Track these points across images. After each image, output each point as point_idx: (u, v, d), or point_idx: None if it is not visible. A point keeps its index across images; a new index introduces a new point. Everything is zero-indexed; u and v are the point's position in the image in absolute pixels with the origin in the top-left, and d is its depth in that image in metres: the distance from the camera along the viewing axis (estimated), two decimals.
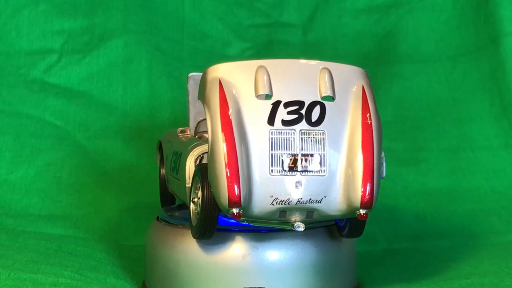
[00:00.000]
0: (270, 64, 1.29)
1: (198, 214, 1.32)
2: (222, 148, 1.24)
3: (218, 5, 2.19)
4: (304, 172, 1.26)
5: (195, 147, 1.42)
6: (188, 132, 1.54)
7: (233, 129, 1.25)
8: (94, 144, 1.98)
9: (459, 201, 1.93)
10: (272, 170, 1.25)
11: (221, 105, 1.26)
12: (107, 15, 2.11)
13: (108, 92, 2.05)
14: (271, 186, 1.25)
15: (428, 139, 2.05)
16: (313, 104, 1.28)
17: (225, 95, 1.26)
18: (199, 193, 1.31)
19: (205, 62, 2.14)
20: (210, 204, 1.28)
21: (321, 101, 1.28)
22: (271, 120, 1.26)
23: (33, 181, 1.93)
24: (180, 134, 1.53)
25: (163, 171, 1.62)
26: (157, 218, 1.53)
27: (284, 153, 1.26)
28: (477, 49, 2.10)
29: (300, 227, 1.28)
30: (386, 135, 1.98)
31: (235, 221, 1.30)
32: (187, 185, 1.38)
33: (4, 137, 1.97)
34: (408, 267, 1.65)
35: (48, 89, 2.04)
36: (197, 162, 1.39)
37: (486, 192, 1.96)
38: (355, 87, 1.32)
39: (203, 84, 1.30)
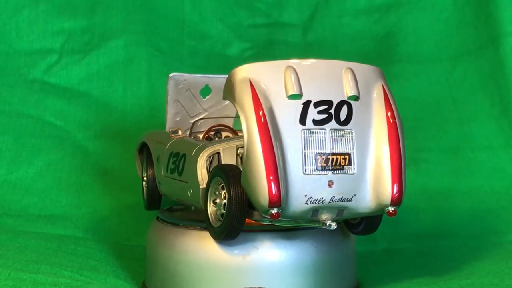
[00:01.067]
0: (298, 64, 1.32)
1: (223, 215, 1.32)
2: (260, 148, 1.25)
3: (218, 5, 2.19)
4: (335, 171, 1.28)
5: (204, 148, 1.41)
6: (180, 133, 1.53)
7: (269, 129, 1.26)
8: (94, 144, 1.98)
9: (459, 201, 1.93)
10: (305, 170, 1.27)
11: (255, 105, 1.27)
12: (107, 15, 2.11)
13: (108, 92, 2.05)
14: (305, 185, 1.27)
15: (428, 139, 2.05)
16: (340, 104, 1.30)
17: (257, 95, 1.27)
18: (224, 194, 1.31)
19: (205, 62, 2.14)
20: (240, 204, 1.29)
21: (348, 100, 1.30)
22: (302, 120, 1.28)
23: (33, 181, 1.93)
24: (172, 135, 1.52)
25: (151, 172, 1.57)
26: (157, 218, 1.53)
27: (316, 152, 1.28)
28: (477, 49, 2.10)
29: (332, 225, 1.29)
30: None
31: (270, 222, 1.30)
32: (201, 187, 1.37)
33: (4, 137, 1.97)
34: (408, 267, 1.65)
35: (48, 89, 2.04)
36: (209, 163, 1.39)
37: (486, 192, 1.96)
38: (376, 86, 1.35)
39: (231, 85, 1.31)
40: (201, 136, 1.57)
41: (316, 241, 1.41)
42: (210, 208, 1.35)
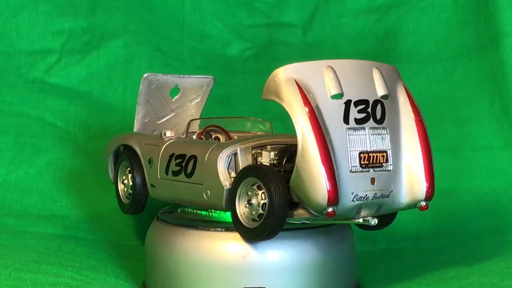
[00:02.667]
0: (335, 64, 1.34)
1: (260, 215, 1.33)
2: (316, 147, 1.27)
3: (218, 5, 2.19)
4: (376, 168, 1.33)
5: (221, 149, 1.39)
6: (172, 134, 1.52)
7: (322, 128, 1.28)
8: (94, 144, 1.98)
9: (459, 201, 1.93)
10: (351, 168, 1.30)
11: (306, 105, 1.29)
12: (107, 15, 2.11)
13: (108, 92, 2.05)
14: (352, 183, 1.30)
15: None
16: (375, 103, 1.35)
17: (305, 95, 1.30)
18: (262, 194, 1.32)
19: (205, 62, 2.14)
20: (283, 204, 1.30)
21: (381, 99, 1.35)
22: (346, 119, 1.32)
23: (33, 181, 1.93)
24: (165, 137, 1.51)
25: (138, 176, 1.53)
26: (157, 218, 1.52)
27: (359, 151, 1.31)
28: (477, 49, 2.10)
29: (374, 221, 1.32)
30: None
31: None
32: (225, 188, 1.37)
33: (4, 137, 1.97)
34: (408, 267, 1.65)
35: (48, 89, 2.04)
36: (229, 164, 1.38)
37: (486, 192, 1.96)
38: (399, 85, 1.40)
39: (276, 85, 1.33)
40: (194, 136, 1.55)
41: (316, 241, 1.41)
42: (241, 209, 1.36)
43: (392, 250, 1.82)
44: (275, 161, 1.38)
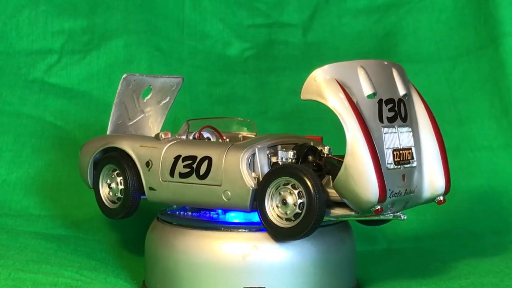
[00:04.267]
0: (365, 64, 1.37)
1: (296, 215, 1.34)
2: (366, 145, 1.30)
3: (218, 5, 2.19)
4: (405, 165, 1.37)
5: (241, 149, 1.39)
6: (168, 135, 1.50)
7: (368, 127, 1.31)
8: None
9: (459, 201, 1.93)
10: (388, 165, 1.33)
11: (351, 104, 1.32)
12: (107, 15, 2.11)
13: (108, 92, 2.05)
14: (389, 180, 1.32)
15: None
16: (399, 102, 1.39)
17: (348, 95, 1.33)
18: (299, 193, 1.33)
19: (205, 62, 2.14)
20: (323, 202, 1.32)
21: (402, 98, 1.39)
22: (380, 118, 1.35)
23: (33, 181, 1.93)
24: (163, 138, 1.49)
25: (132, 179, 1.49)
26: (157, 218, 1.52)
27: (392, 148, 1.35)
28: (477, 49, 2.10)
29: (404, 216, 1.35)
30: None
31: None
32: (251, 188, 1.37)
33: (4, 137, 1.97)
34: (408, 267, 1.65)
35: (48, 89, 2.04)
36: (249, 165, 1.39)
37: (486, 192, 1.96)
38: (410, 83, 1.44)
39: (317, 85, 1.34)
40: (190, 137, 1.53)
41: (316, 241, 1.41)
42: (273, 209, 1.36)
43: (392, 250, 1.82)
44: (293, 160, 1.40)
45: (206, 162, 1.41)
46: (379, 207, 1.31)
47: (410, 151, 1.38)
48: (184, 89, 2.08)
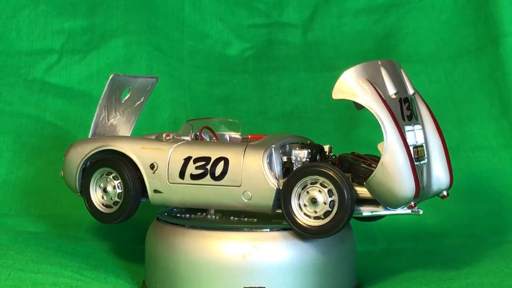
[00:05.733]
0: (383, 64, 1.41)
1: (326, 213, 1.36)
2: (402, 143, 1.34)
3: (218, 5, 2.19)
4: (421, 161, 1.42)
5: (259, 149, 1.40)
6: (169, 136, 1.49)
7: (400, 125, 1.35)
8: None
9: (459, 201, 1.93)
10: (412, 162, 1.36)
11: (384, 103, 1.36)
12: (107, 15, 2.11)
13: None
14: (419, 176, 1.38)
15: None
16: (411, 100, 1.44)
17: (380, 94, 1.36)
18: (329, 191, 1.36)
19: (205, 62, 2.14)
20: (353, 200, 1.36)
21: (412, 96, 1.44)
22: (402, 116, 1.40)
23: (33, 181, 1.93)
24: (167, 140, 1.48)
25: (132, 182, 1.46)
26: (157, 218, 1.52)
27: (413, 145, 1.40)
28: (477, 49, 2.10)
29: (420, 211, 1.39)
30: None
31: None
32: (275, 187, 1.38)
33: (4, 137, 1.97)
34: (408, 267, 1.65)
35: (48, 89, 2.04)
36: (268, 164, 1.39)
37: (486, 192, 1.96)
38: (409, 81, 1.47)
39: (351, 84, 1.37)
40: (189, 138, 1.52)
41: (316, 241, 1.41)
42: (300, 208, 1.38)
43: (392, 250, 1.82)
44: (307, 159, 1.42)
45: (222, 163, 1.41)
46: (413, 202, 1.36)
47: (423, 148, 1.43)
48: (184, 89, 2.09)
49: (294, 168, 1.41)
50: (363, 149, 1.58)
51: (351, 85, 1.36)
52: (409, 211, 1.38)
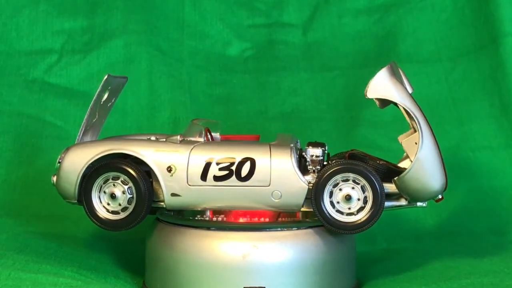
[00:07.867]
0: (394, 64, 1.48)
1: (360, 209, 1.41)
2: (433, 139, 1.43)
3: (218, 5, 2.18)
4: None
5: (284, 149, 1.41)
6: (180, 137, 1.47)
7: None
8: None
9: (459, 201, 1.93)
10: (441, 156, 1.44)
11: (415, 102, 1.43)
12: (107, 15, 2.11)
13: None
14: None
15: None
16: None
17: (409, 93, 1.44)
18: (363, 187, 1.40)
19: (205, 62, 2.14)
20: (384, 195, 1.42)
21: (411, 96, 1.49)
22: None
23: (33, 181, 1.93)
24: (180, 141, 1.46)
25: (145, 187, 1.43)
26: (157, 218, 1.52)
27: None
28: (477, 49, 2.10)
29: (425, 204, 1.47)
30: (386, 135, 2.00)
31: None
32: (307, 186, 1.40)
33: (4, 137, 1.97)
34: (408, 267, 1.65)
35: (48, 89, 2.04)
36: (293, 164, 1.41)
37: (486, 192, 1.96)
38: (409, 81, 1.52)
39: (389, 84, 1.43)
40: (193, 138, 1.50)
41: (316, 241, 1.41)
42: (332, 205, 1.41)
43: (392, 250, 1.82)
44: (322, 157, 1.45)
45: (248, 163, 1.41)
46: (440, 196, 1.45)
47: None
48: (184, 89, 2.09)
49: (310, 166, 1.43)
50: (363, 149, 1.58)
51: (386, 85, 1.42)
52: (424, 204, 1.45)
